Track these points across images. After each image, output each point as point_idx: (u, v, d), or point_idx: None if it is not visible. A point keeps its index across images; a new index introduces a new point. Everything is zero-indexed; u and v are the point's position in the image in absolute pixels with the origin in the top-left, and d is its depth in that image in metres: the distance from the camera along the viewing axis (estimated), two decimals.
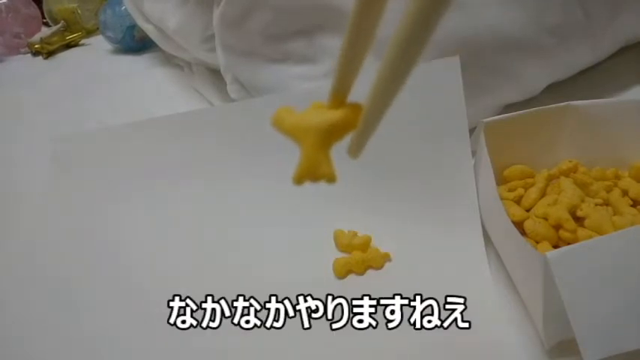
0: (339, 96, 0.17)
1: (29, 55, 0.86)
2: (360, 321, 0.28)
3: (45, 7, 0.91)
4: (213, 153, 0.38)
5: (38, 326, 0.30)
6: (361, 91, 0.17)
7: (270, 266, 0.32)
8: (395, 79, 0.14)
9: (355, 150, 0.18)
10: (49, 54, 0.83)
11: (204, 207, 0.36)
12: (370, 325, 0.27)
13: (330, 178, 0.17)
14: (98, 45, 0.83)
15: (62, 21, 0.87)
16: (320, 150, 0.17)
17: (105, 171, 0.39)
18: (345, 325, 0.27)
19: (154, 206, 0.37)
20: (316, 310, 0.29)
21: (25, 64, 0.84)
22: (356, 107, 0.17)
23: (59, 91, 0.67)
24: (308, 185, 0.17)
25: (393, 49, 0.13)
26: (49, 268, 0.34)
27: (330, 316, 0.28)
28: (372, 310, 0.28)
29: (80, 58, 0.82)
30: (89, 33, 0.90)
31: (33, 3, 0.93)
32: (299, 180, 0.18)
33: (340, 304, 0.29)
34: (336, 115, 0.17)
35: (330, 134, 0.17)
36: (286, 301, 0.29)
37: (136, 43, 0.75)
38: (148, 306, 0.30)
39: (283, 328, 0.28)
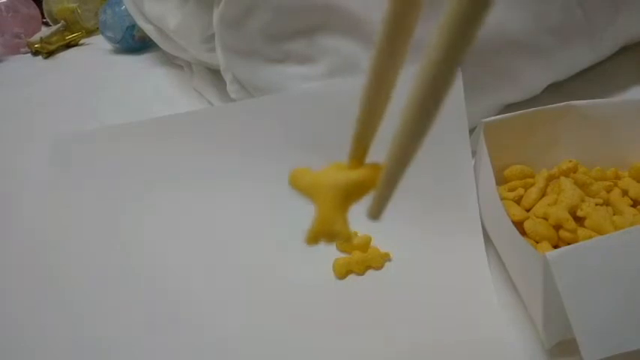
0: (358, 156, 0.17)
1: (29, 55, 0.86)
2: (360, 320, 0.28)
3: (45, 7, 0.90)
4: (213, 153, 0.38)
5: (39, 326, 0.30)
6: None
7: (270, 266, 0.32)
8: (414, 135, 0.14)
9: (376, 211, 0.17)
10: (49, 54, 0.83)
11: (204, 207, 0.36)
12: (370, 324, 0.27)
13: (346, 238, 0.17)
14: (98, 45, 0.83)
15: (62, 21, 0.87)
16: (337, 209, 0.17)
17: (105, 171, 0.39)
18: (345, 325, 0.28)
19: (154, 206, 0.37)
20: (316, 310, 0.29)
21: (25, 64, 0.83)
22: (375, 167, 0.17)
23: (59, 91, 0.67)
24: None
25: (410, 107, 0.13)
26: (49, 267, 0.34)
27: (330, 316, 0.28)
28: (372, 309, 0.28)
29: (80, 58, 0.82)
30: (89, 33, 0.90)
31: (33, 3, 0.93)
32: (313, 239, 0.17)
33: (340, 303, 0.29)
34: (354, 174, 0.17)
35: (348, 193, 0.17)
36: (286, 301, 0.29)
37: (136, 43, 0.75)
38: (149, 305, 0.30)
39: (283, 327, 0.28)
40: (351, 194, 0.17)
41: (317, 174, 0.17)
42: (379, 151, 0.16)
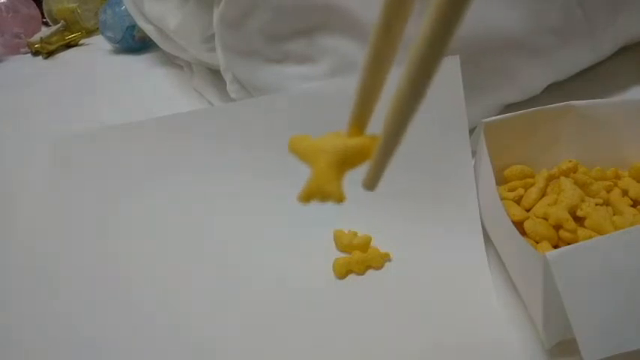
0: (358, 124, 0.17)
1: (29, 55, 0.86)
2: (360, 321, 0.28)
3: (45, 7, 0.91)
4: (213, 153, 0.38)
5: (37, 326, 0.30)
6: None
7: (270, 266, 0.32)
8: (406, 108, 0.14)
9: (371, 181, 0.17)
10: (49, 54, 0.83)
11: (204, 207, 0.36)
12: (370, 324, 0.27)
13: (339, 198, 0.17)
14: (98, 45, 0.83)
15: (62, 21, 0.87)
16: (332, 171, 0.17)
17: (105, 171, 0.39)
18: (345, 325, 0.28)
19: (154, 206, 0.37)
20: (316, 310, 0.29)
21: (25, 64, 0.83)
22: (374, 138, 0.17)
23: (59, 91, 0.67)
24: None
25: (402, 81, 0.13)
26: (48, 268, 0.34)
27: (330, 316, 0.28)
28: (372, 309, 0.28)
29: (80, 58, 0.82)
30: (89, 33, 0.90)
31: (33, 3, 0.93)
32: (306, 198, 0.17)
33: (340, 303, 0.29)
34: (352, 141, 0.17)
35: (344, 158, 0.17)
36: (286, 301, 0.29)
37: (136, 43, 0.75)
38: (147, 306, 0.30)
39: (283, 327, 0.28)
40: (347, 160, 0.17)
41: (315, 140, 0.18)
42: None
